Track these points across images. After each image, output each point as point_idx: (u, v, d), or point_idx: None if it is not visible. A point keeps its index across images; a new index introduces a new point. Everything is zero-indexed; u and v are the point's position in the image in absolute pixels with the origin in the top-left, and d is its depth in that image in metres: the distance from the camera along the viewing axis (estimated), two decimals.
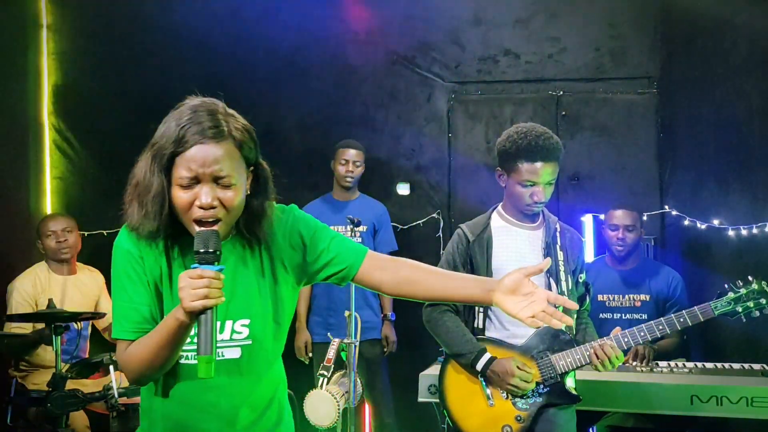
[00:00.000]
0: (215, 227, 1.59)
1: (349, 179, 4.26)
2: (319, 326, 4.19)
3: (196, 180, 1.58)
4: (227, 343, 1.71)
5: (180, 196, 1.59)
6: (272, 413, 1.82)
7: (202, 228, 1.58)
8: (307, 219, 1.80)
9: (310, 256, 1.76)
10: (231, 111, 1.68)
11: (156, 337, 1.62)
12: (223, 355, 1.71)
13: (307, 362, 4.14)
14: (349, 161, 4.25)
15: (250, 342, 1.72)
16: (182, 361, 1.72)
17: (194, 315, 1.52)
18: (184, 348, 1.70)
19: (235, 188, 1.61)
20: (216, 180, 1.58)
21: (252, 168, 1.69)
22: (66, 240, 3.98)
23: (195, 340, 1.62)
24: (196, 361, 1.67)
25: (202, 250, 1.54)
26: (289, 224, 1.77)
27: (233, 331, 1.71)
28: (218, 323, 1.69)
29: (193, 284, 1.50)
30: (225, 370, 1.71)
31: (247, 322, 1.72)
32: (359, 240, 4.23)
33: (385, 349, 4.31)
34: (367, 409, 4.45)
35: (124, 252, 1.69)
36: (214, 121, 1.60)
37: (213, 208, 1.58)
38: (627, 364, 3.36)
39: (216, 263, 1.55)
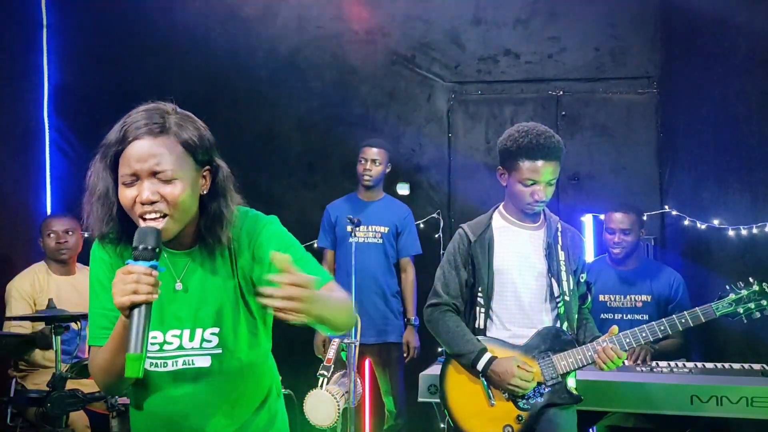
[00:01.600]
0: (161, 222, 1.56)
1: (366, 178, 4.21)
2: None
3: (136, 177, 1.57)
4: (197, 351, 1.69)
5: (124, 194, 1.58)
6: (260, 420, 1.81)
7: (143, 224, 1.56)
8: (276, 235, 1.71)
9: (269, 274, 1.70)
10: (184, 112, 1.67)
11: (110, 343, 1.60)
12: (193, 363, 1.69)
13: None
14: (368, 160, 4.20)
15: (220, 351, 1.70)
16: (151, 368, 1.70)
17: (126, 311, 1.48)
18: (149, 354, 1.66)
19: (178, 183, 1.58)
20: (155, 174, 1.57)
21: (207, 168, 1.66)
22: (66, 241, 3.97)
23: (163, 346, 1.66)
24: (162, 369, 1.69)
25: (140, 247, 1.50)
26: (257, 236, 1.70)
27: (203, 340, 1.69)
28: (188, 331, 1.68)
29: (123, 279, 1.47)
30: (194, 378, 1.70)
31: (216, 330, 1.70)
32: (380, 242, 4.21)
33: (405, 355, 4.22)
34: (367, 408, 4.45)
35: (96, 259, 1.71)
36: (154, 118, 1.60)
37: (153, 203, 1.56)
38: (627, 364, 3.36)
39: (154, 260, 1.51)
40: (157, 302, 1.56)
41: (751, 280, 2.69)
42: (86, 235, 4.35)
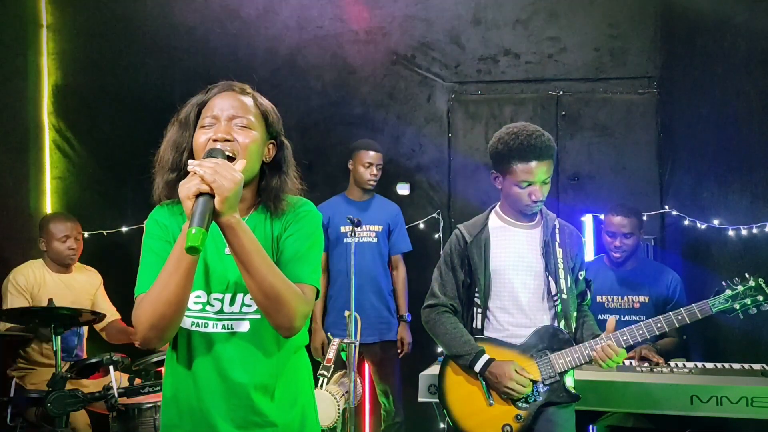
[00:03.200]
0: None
1: (373, 182, 4.26)
2: (335, 326, 4.17)
3: (215, 120, 1.73)
4: (237, 315, 1.75)
5: (199, 135, 1.73)
6: (295, 418, 1.83)
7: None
8: (302, 227, 1.79)
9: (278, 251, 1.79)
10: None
11: (165, 269, 1.62)
12: (232, 328, 1.75)
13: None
14: (373, 164, 4.25)
15: (258, 316, 1.74)
16: (192, 327, 1.75)
17: (191, 200, 1.51)
18: (192, 313, 1.73)
19: (251, 132, 1.74)
20: (233, 119, 1.73)
21: (273, 141, 1.84)
22: (77, 247, 3.98)
23: (205, 307, 1.73)
24: (203, 329, 1.74)
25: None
26: (295, 216, 1.80)
27: (243, 304, 1.75)
28: (229, 295, 1.74)
29: (190, 177, 1.55)
30: (233, 342, 1.74)
31: None
32: (375, 240, 4.22)
33: (400, 351, 4.26)
34: (367, 408, 4.45)
35: (151, 221, 1.80)
36: (238, 83, 1.82)
37: (227, 140, 1.69)
38: (634, 364, 3.36)
39: None
40: (204, 264, 1.71)
41: (746, 275, 2.69)
42: (86, 236, 4.37)
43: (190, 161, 1.59)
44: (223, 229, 1.57)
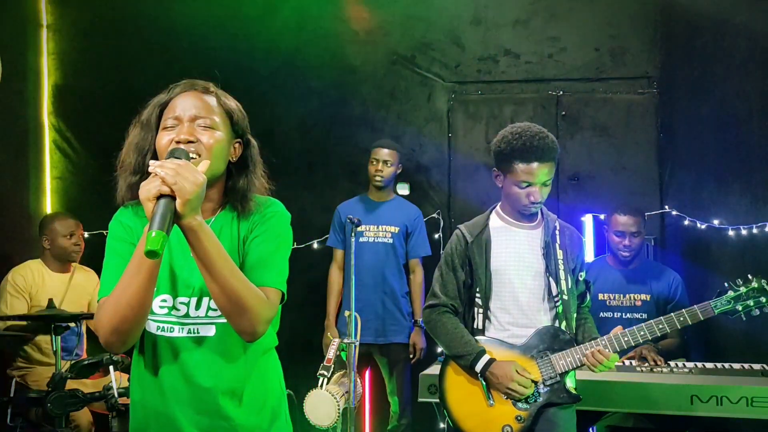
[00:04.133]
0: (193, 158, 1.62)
1: (378, 179, 4.23)
2: (347, 325, 4.16)
3: (178, 121, 1.68)
4: (202, 320, 1.72)
5: (162, 137, 1.68)
6: (265, 414, 1.81)
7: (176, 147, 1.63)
8: (269, 228, 1.75)
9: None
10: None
11: (127, 272, 1.59)
12: (198, 332, 1.72)
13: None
14: (380, 161, 4.22)
15: (224, 320, 1.68)
16: (158, 332, 1.72)
17: (151, 202, 1.47)
18: (157, 317, 1.70)
19: (215, 133, 1.69)
20: (196, 120, 1.68)
21: (239, 140, 1.78)
22: (80, 244, 4.01)
23: (171, 311, 1.70)
24: (168, 333, 1.71)
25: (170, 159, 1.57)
26: (261, 218, 1.75)
27: (209, 308, 1.71)
28: (195, 299, 1.71)
29: (151, 179, 1.50)
30: (199, 347, 1.71)
31: None
32: (390, 241, 4.22)
33: (412, 356, 4.22)
34: (367, 408, 4.45)
35: (114, 223, 1.76)
36: (200, 83, 1.77)
37: (190, 142, 1.65)
38: (634, 364, 3.37)
39: None
40: (170, 268, 1.67)
41: (750, 277, 2.68)
42: (86, 236, 4.36)
43: (151, 162, 1.54)
44: (185, 231, 1.52)
